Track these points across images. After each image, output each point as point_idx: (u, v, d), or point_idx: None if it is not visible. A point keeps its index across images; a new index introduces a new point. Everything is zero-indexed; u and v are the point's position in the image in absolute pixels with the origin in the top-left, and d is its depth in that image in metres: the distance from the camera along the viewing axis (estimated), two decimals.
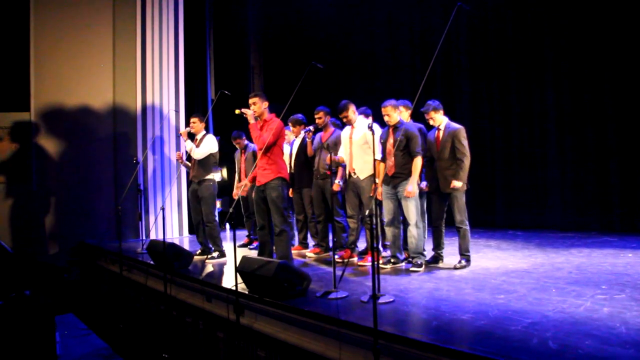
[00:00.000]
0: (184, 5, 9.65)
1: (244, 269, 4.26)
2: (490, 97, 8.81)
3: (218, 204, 9.32)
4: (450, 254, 5.60)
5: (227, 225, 9.99)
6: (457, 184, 5.01)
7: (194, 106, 10.18)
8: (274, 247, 5.02)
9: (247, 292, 4.30)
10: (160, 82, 9.21)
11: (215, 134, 10.01)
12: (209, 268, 5.53)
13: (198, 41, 10.35)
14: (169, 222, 8.90)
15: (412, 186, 4.96)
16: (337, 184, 5.70)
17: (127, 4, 9.01)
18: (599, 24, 7.38)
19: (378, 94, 10.49)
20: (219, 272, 5.37)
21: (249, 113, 4.88)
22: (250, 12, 11.43)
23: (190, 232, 9.08)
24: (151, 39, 9.16)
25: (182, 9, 9.61)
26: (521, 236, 7.40)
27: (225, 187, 9.92)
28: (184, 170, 8.51)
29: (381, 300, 3.78)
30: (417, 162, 5.02)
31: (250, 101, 4.89)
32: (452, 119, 5.40)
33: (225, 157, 9.73)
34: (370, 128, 3.94)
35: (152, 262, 6.03)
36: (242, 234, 7.76)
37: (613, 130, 7.36)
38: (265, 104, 4.92)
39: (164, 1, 9.38)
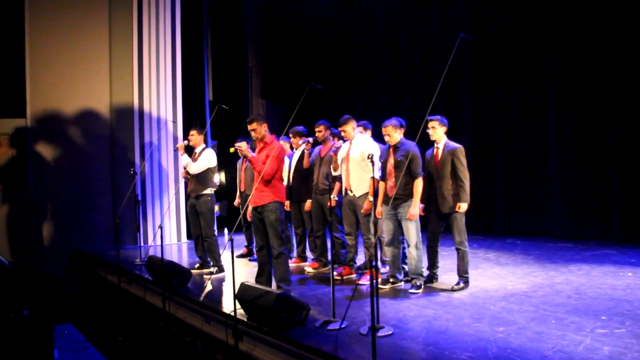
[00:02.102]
0: (180, 6, 9.54)
1: (243, 297, 4.24)
2: (491, 103, 8.76)
3: (216, 208, 9.31)
4: (448, 270, 5.60)
5: (225, 230, 10.00)
6: (463, 206, 4.97)
7: (192, 108, 10.10)
8: (273, 269, 4.99)
9: (246, 319, 4.29)
10: (157, 85, 9.12)
11: (213, 139, 9.97)
12: (208, 287, 5.50)
13: (195, 42, 10.24)
14: (167, 227, 8.86)
15: (415, 209, 4.93)
16: (334, 200, 5.67)
17: (123, 7, 8.89)
18: (601, 36, 7.33)
19: (377, 95, 10.45)
20: (217, 293, 5.35)
21: (243, 147, 4.84)
22: (248, 12, 11.30)
23: (189, 237, 9.05)
24: (148, 41, 9.05)
25: (179, 9, 9.49)
26: (520, 246, 7.40)
27: (223, 192, 9.90)
28: (181, 178, 8.47)
29: (380, 334, 3.77)
30: (419, 184, 4.98)
31: (250, 127, 4.83)
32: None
33: (224, 161, 9.71)
34: (371, 159, 3.89)
35: (150, 278, 6.01)
36: (241, 240, 7.72)
37: (613, 138, 7.32)
38: (264, 126, 4.86)
39: (161, 2, 9.26)
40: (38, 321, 4.92)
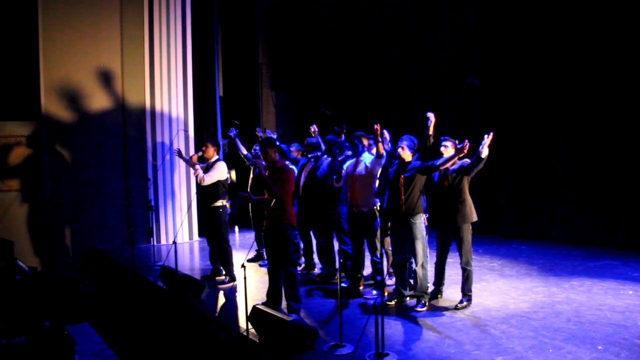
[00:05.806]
0: (191, 3, 9.58)
1: (254, 321, 4.46)
2: (499, 107, 8.78)
3: (228, 206, 9.52)
4: (453, 282, 5.74)
5: (236, 228, 10.22)
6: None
7: (202, 104, 10.22)
8: (283, 287, 5.18)
9: (257, 340, 4.51)
10: (168, 83, 9.26)
11: (223, 138, 10.11)
12: (221, 299, 5.71)
13: (206, 38, 10.30)
14: (178, 226, 9.08)
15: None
16: None
17: (134, 6, 8.97)
18: (606, 43, 7.34)
19: (385, 93, 10.47)
20: (231, 308, 5.54)
21: (260, 167, 5.00)
22: (258, 7, 11.29)
23: (201, 234, 9.29)
24: (159, 39, 9.18)
25: (189, 6, 9.54)
26: (525, 253, 7.54)
27: (234, 189, 10.05)
28: (193, 178, 8.67)
29: None
30: (443, 162, 5.01)
31: (261, 150, 4.98)
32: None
33: (235, 158, 9.83)
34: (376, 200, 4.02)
35: (165, 287, 6.23)
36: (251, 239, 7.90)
37: (620, 143, 7.37)
38: (274, 151, 5.01)
39: (172, 0, 9.32)
40: (60, 334, 5.15)
